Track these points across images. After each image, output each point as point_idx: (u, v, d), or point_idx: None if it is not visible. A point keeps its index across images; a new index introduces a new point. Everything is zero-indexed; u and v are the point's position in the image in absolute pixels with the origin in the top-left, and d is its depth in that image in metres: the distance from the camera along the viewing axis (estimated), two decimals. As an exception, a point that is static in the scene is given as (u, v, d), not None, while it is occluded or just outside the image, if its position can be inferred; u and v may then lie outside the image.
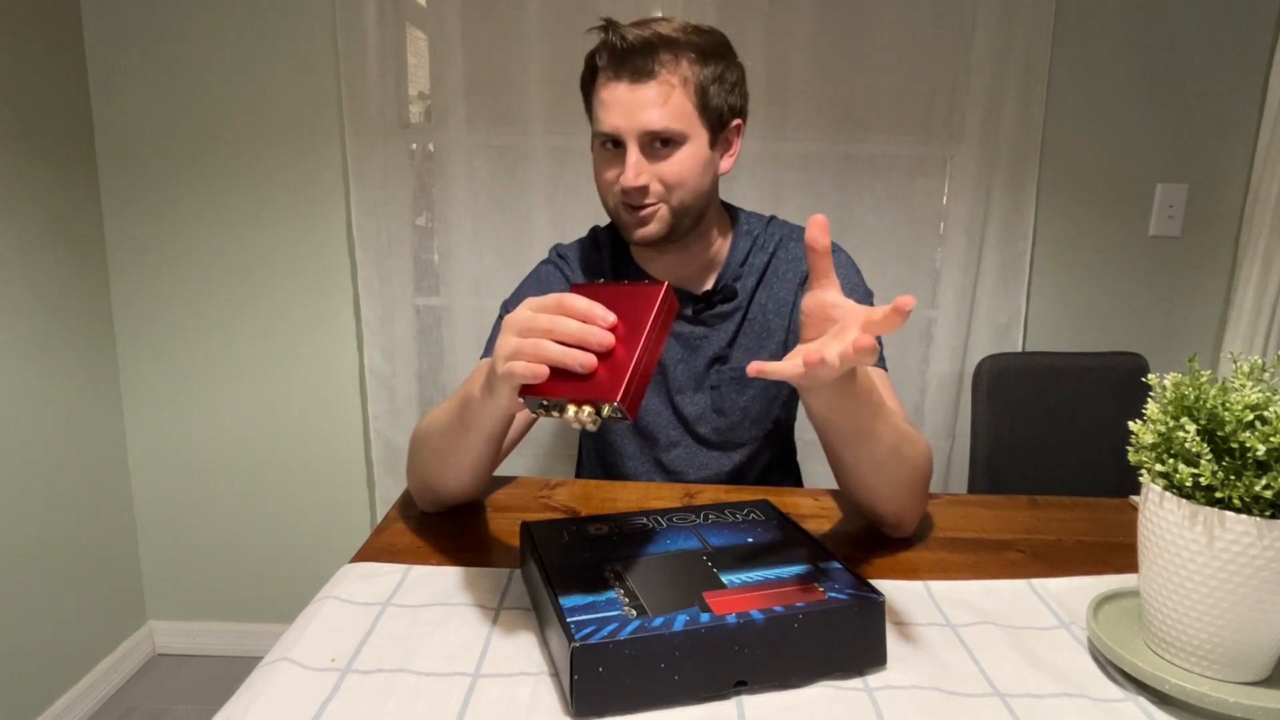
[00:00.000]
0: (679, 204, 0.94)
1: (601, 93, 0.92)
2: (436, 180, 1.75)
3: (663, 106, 0.90)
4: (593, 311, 0.61)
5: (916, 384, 1.81)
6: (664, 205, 0.94)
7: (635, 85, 0.90)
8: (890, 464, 0.78)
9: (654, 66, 0.90)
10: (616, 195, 0.95)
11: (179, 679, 1.91)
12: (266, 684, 0.58)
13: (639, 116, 0.90)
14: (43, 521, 1.66)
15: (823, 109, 1.68)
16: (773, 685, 0.58)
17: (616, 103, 0.91)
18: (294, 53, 1.71)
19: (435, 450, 0.83)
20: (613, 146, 0.94)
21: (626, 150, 0.91)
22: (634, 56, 0.89)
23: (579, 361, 0.59)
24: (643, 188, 0.92)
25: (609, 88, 0.91)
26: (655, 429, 1.08)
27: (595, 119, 0.94)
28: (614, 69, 0.91)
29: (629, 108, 0.90)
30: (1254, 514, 0.53)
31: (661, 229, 0.95)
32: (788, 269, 1.04)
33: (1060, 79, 1.68)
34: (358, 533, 1.94)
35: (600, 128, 0.93)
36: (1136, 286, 1.79)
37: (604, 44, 0.91)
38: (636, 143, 0.91)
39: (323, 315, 1.84)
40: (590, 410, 0.58)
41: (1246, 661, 0.56)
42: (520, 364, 0.60)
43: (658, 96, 0.90)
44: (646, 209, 0.94)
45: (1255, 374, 0.57)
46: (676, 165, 0.93)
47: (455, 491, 0.86)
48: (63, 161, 1.68)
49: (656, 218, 0.94)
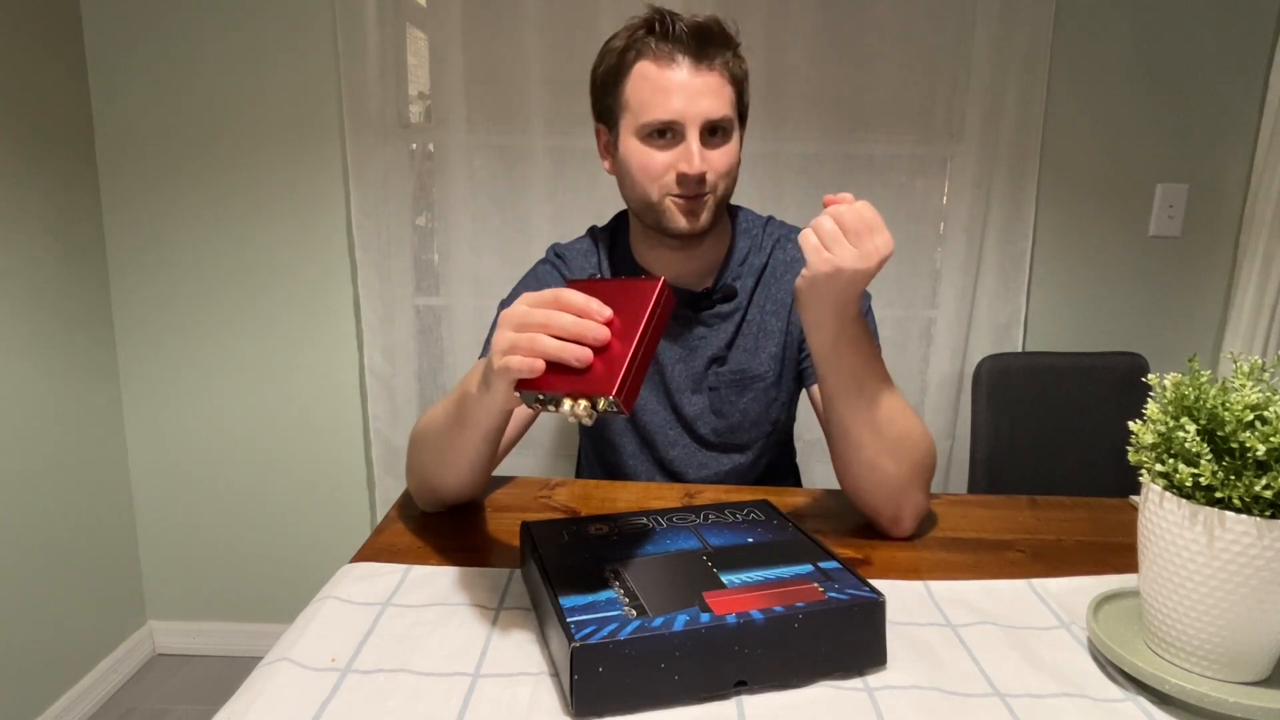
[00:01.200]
0: (723, 194, 0.95)
1: (656, 78, 0.90)
2: (436, 180, 1.75)
3: (721, 96, 0.90)
4: (589, 306, 0.61)
5: (916, 384, 1.81)
6: (710, 196, 0.94)
7: (698, 71, 0.89)
8: (889, 433, 0.79)
9: (714, 54, 0.90)
10: (667, 185, 0.93)
11: (179, 679, 1.91)
12: (266, 684, 0.58)
13: (701, 103, 0.89)
14: (43, 521, 1.66)
15: (823, 109, 1.68)
16: (773, 685, 0.58)
17: (680, 88, 0.89)
18: (294, 53, 1.71)
19: (433, 449, 0.82)
20: (659, 136, 0.92)
21: (686, 138, 0.90)
22: (699, 42, 0.89)
23: (575, 356, 0.59)
24: (703, 175, 0.91)
25: (668, 72, 0.89)
26: (654, 429, 1.08)
27: (642, 106, 0.91)
28: (678, 53, 0.89)
29: (691, 94, 0.89)
30: (1254, 514, 0.53)
31: (709, 220, 0.95)
32: (785, 270, 1.04)
33: (1060, 79, 1.68)
34: (358, 533, 1.94)
35: (656, 115, 0.90)
36: (1136, 286, 1.79)
37: (660, 29, 0.90)
38: (698, 131, 0.90)
39: (323, 315, 1.84)
40: (586, 404, 0.59)
41: (1246, 661, 0.56)
42: (516, 359, 0.60)
43: (718, 84, 0.90)
44: (700, 198, 0.93)
45: (1255, 374, 0.57)
46: (727, 155, 0.93)
47: (454, 490, 0.86)
48: (63, 161, 1.68)
49: (705, 209, 0.94)
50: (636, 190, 0.95)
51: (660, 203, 0.94)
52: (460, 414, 0.76)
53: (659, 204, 0.94)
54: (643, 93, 0.91)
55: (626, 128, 0.93)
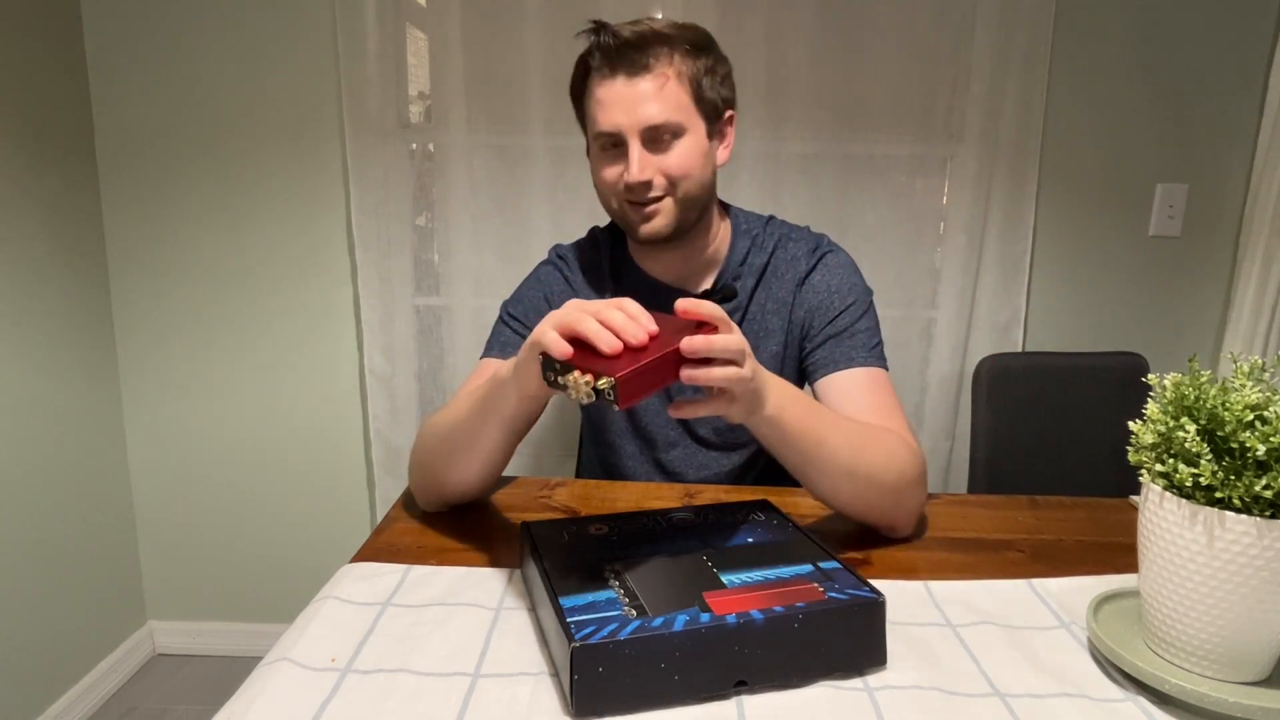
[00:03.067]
0: (684, 195, 0.95)
1: (598, 93, 0.93)
2: (436, 180, 1.75)
3: (661, 99, 0.91)
4: (640, 314, 0.65)
5: (916, 384, 1.81)
6: (669, 198, 0.94)
7: (632, 80, 0.91)
8: (861, 472, 0.79)
9: (649, 61, 0.91)
10: (620, 194, 0.95)
11: (179, 679, 1.91)
12: (266, 684, 0.58)
13: (638, 111, 0.90)
14: (43, 521, 1.66)
15: (823, 109, 1.68)
16: (773, 685, 0.58)
17: (615, 100, 0.91)
18: (294, 53, 1.71)
19: (449, 442, 0.84)
20: (612, 146, 0.94)
21: (629, 147, 0.92)
22: (628, 52, 0.90)
23: (608, 341, 0.63)
24: (647, 182, 0.92)
25: (605, 86, 0.92)
26: (655, 430, 1.08)
27: (592, 120, 0.95)
28: (609, 67, 0.91)
29: (628, 103, 0.91)
30: (1254, 514, 0.53)
31: (668, 223, 0.95)
32: (786, 269, 1.04)
33: (1060, 79, 1.68)
34: (358, 533, 1.94)
35: (600, 128, 0.93)
36: (1136, 286, 1.78)
37: (597, 44, 0.92)
38: (639, 138, 0.91)
39: (323, 315, 1.84)
40: (589, 380, 0.61)
41: (1246, 661, 0.56)
42: (552, 332, 0.64)
43: (655, 89, 0.91)
44: (651, 204, 0.94)
45: (1255, 374, 0.57)
46: (679, 156, 0.93)
47: (465, 485, 0.87)
48: (63, 161, 1.68)
49: (662, 212, 0.95)
50: (602, 200, 0.99)
51: (619, 211, 0.97)
52: (485, 402, 0.78)
53: (619, 212, 0.98)
54: (591, 107, 0.95)
55: (590, 137, 0.98)
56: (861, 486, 0.80)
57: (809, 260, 1.04)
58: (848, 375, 0.96)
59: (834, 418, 0.81)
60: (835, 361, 0.97)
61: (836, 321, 0.99)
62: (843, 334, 0.98)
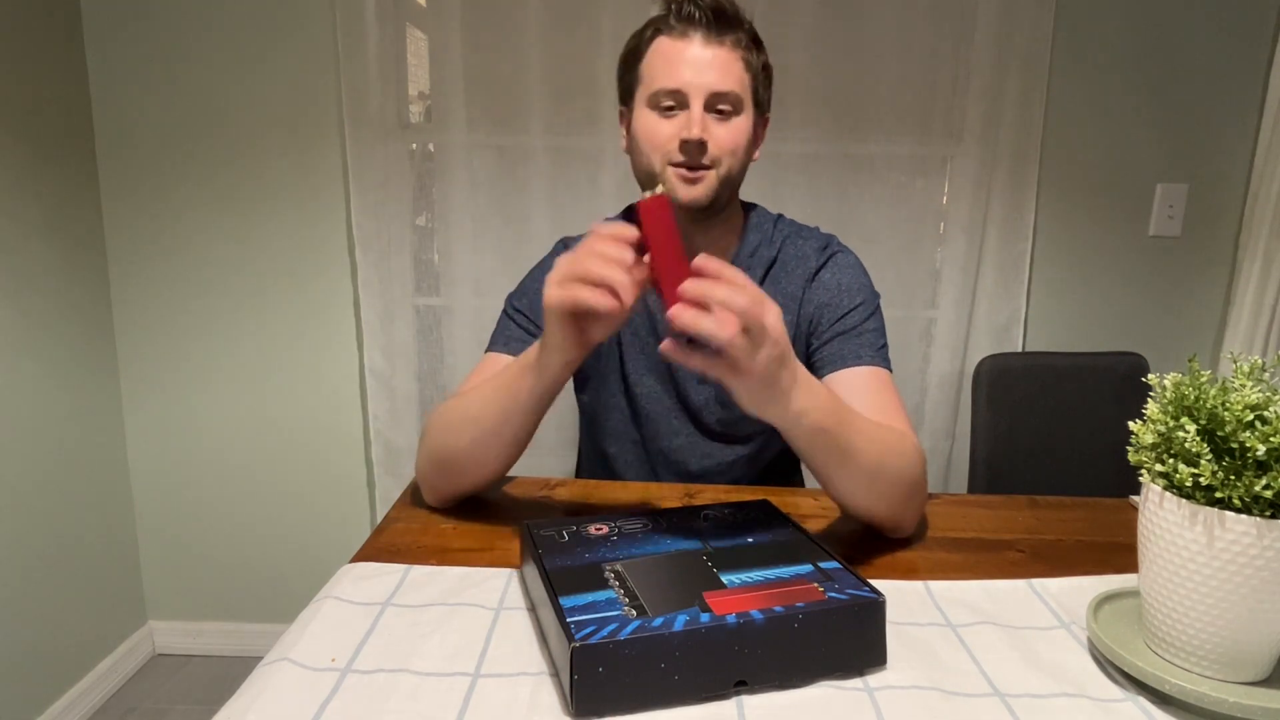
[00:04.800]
0: (726, 173, 0.95)
1: (668, 51, 0.93)
2: (436, 180, 1.75)
3: (730, 71, 0.92)
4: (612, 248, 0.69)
5: (916, 384, 1.81)
6: (713, 171, 0.94)
7: (709, 45, 0.92)
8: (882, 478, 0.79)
9: (728, 34, 0.93)
10: (670, 154, 0.94)
11: (179, 679, 1.91)
12: (266, 684, 0.58)
13: (708, 74, 0.92)
14: (43, 521, 1.66)
15: (823, 109, 1.68)
16: (773, 685, 0.58)
17: (689, 60, 0.92)
18: (294, 52, 1.71)
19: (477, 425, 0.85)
20: (668, 108, 0.94)
21: (690, 107, 0.92)
22: (711, 18, 0.92)
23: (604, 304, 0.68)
24: (703, 143, 0.92)
25: (678, 45, 0.93)
26: (658, 417, 1.08)
27: (651, 79, 0.94)
28: (689, 27, 0.92)
29: (699, 66, 0.92)
30: (1254, 514, 0.53)
31: (708, 194, 0.95)
32: (795, 265, 1.04)
33: (1060, 79, 1.68)
34: (358, 533, 1.94)
35: (662, 84, 0.93)
36: (1136, 286, 1.78)
37: (677, 7, 0.93)
38: (702, 100, 0.92)
39: (323, 315, 1.84)
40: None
41: (1246, 661, 0.56)
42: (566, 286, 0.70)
43: (728, 60, 0.93)
44: (699, 170, 0.94)
45: (1255, 374, 0.57)
46: (732, 130, 0.94)
47: (490, 469, 0.88)
48: (63, 160, 1.68)
49: (705, 182, 0.95)
50: (642, 160, 0.97)
51: (663, 173, 0.96)
52: (511, 380, 0.81)
53: (661, 174, 0.96)
54: (655, 65, 0.95)
55: (640, 99, 0.96)
56: (882, 489, 0.80)
57: (819, 257, 1.04)
58: (854, 373, 0.96)
59: (861, 421, 0.80)
60: (842, 358, 0.97)
61: (845, 319, 0.99)
62: (850, 332, 0.98)
